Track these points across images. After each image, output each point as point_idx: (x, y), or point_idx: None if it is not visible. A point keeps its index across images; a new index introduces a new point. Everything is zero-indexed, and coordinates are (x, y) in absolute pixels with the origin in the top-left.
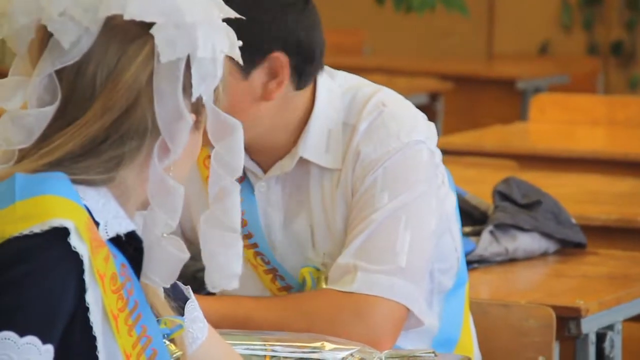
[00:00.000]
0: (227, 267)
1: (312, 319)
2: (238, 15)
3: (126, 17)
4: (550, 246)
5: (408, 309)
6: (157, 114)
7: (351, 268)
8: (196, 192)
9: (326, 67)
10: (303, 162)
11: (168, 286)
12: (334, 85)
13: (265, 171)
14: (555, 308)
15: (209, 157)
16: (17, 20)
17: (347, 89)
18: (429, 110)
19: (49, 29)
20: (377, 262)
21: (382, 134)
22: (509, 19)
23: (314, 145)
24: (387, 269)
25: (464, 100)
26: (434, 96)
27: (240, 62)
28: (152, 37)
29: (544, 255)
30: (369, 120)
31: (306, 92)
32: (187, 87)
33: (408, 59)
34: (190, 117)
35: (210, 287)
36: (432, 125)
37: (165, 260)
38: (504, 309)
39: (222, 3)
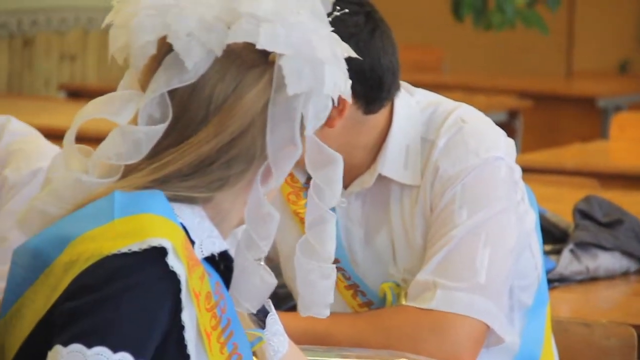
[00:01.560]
0: (322, 296)
1: (391, 336)
2: (354, 55)
3: (258, 46)
4: (632, 265)
5: (488, 326)
6: (268, 142)
7: (430, 285)
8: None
9: (405, 84)
10: (383, 178)
11: (255, 312)
12: (412, 102)
13: (345, 187)
14: (637, 327)
15: (292, 193)
16: (142, 35)
17: (427, 105)
18: (507, 128)
19: (175, 48)
20: (457, 279)
21: (461, 150)
22: (589, 36)
23: (392, 162)
24: (467, 286)
25: (543, 118)
26: (512, 114)
27: (349, 100)
28: (270, 66)
29: (625, 274)
30: (448, 136)
31: (383, 111)
32: (302, 120)
33: (487, 77)
34: (300, 148)
35: (302, 313)
36: (511, 141)
37: (256, 286)
38: (585, 328)
39: (340, 40)
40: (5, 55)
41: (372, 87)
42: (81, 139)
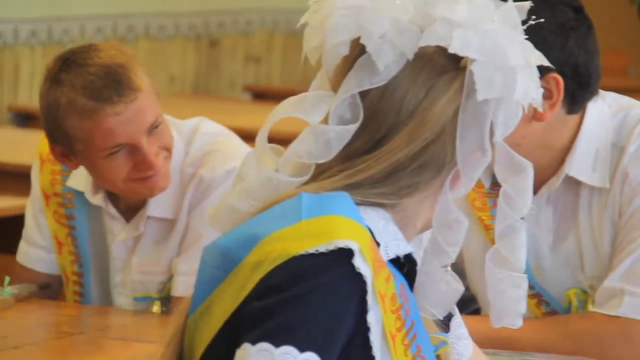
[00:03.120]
0: (513, 306)
1: (578, 342)
2: (547, 63)
3: (451, 50)
4: None
5: None
6: (458, 148)
7: (617, 291)
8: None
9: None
10: (572, 182)
11: (442, 318)
12: (604, 107)
13: (534, 192)
14: None
15: (477, 198)
16: (336, 35)
17: (618, 110)
18: None
19: (368, 49)
20: None
21: None
22: None
23: (580, 164)
24: None
25: None
26: None
27: (540, 109)
28: (461, 72)
29: None
30: (638, 142)
31: (579, 113)
32: (491, 126)
33: None
34: (489, 155)
35: (494, 323)
36: None
37: (442, 292)
38: None
39: (533, 47)
40: (192, 56)
41: (581, 84)
42: (270, 139)
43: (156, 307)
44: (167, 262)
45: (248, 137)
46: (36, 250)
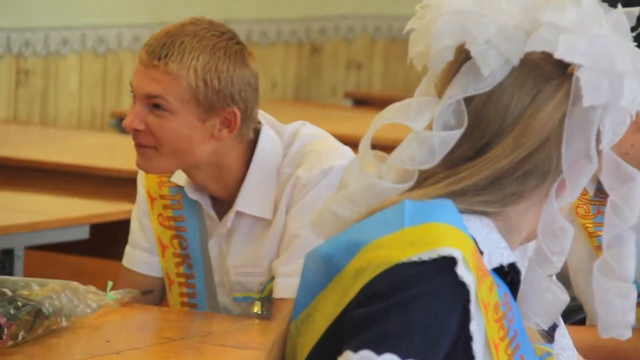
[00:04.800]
0: (622, 316)
1: None
2: None
3: (556, 56)
4: None
5: None
6: (564, 156)
7: None
8: None
9: None
10: None
11: (546, 328)
12: None
13: None
14: None
15: (581, 205)
16: (441, 40)
17: None
18: None
19: (472, 54)
20: None
21: None
22: None
23: None
24: None
25: None
26: None
27: None
28: (567, 78)
29: None
30: None
31: None
32: (598, 133)
33: None
34: (596, 163)
35: (602, 334)
36: None
37: (547, 302)
38: None
39: None
40: (294, 63)
41: None
42: (373, 145)
43: (257, 307)
44: (265, 262)
45: (348, 143)
46: (139, 253)
